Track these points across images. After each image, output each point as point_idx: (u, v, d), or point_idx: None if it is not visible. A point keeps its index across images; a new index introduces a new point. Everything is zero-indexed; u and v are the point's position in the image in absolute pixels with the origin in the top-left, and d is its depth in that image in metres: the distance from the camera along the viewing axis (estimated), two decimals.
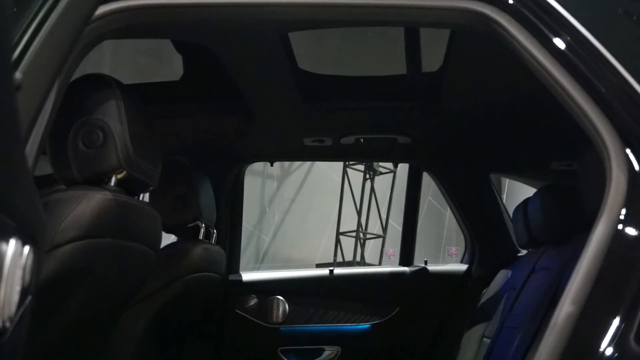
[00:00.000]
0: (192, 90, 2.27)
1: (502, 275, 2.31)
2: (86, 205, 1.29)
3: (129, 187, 1.46)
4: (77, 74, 1.34)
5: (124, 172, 1.42)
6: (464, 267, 2.82)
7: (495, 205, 2.74)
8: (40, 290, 1.08)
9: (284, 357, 2.72)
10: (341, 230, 7.16)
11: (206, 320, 2.65)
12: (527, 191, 2.33)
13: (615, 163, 1.09)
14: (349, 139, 2.42)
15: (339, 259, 7.09)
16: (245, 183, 2.89)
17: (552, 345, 0.97)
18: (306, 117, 2.33)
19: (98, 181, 1.39)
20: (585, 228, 1.11)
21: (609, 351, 0.96)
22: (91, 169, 1.38)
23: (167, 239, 2.18)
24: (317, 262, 6.74)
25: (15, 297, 0.71)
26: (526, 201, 2.11)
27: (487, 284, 2.42)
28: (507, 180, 5.49)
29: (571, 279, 1.02)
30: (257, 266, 7.29)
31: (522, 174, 2.86)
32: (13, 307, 0.71)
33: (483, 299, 2.41)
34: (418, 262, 2.89)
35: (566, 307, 0.97)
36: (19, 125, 0.78)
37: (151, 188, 1.61)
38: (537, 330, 1.61)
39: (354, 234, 7.14)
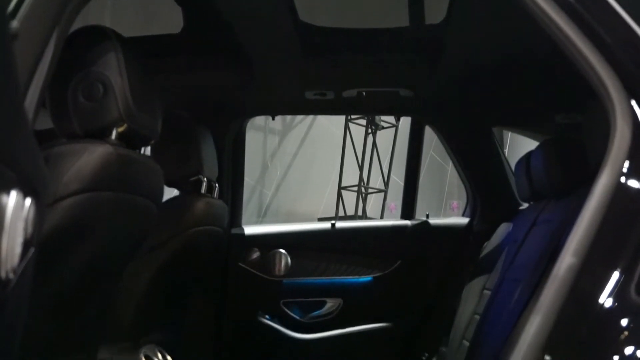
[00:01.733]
0: (192, 43, 2.25)
1: (503, 229, 2.32)
2: (88, 158, 1.29)
3: (130, 140, 1.45)
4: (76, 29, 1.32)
5: (125, 126, 1.41)
6: (465, 220, 2.83)
7: (497, 159, 2.74)
8: (43, 243, 1.09)
9: (286, 310, 2.75)
10: (343, 184, 7.17)
11: (209, 273, 2.67)
12: (529, 145, 2.32)
13: (619, 115, 1.08)
14: (351, 92, 2.41)
15: (341, 213, 7.13)
16: (247, 138, 2.88)
17: (553, 296, 0.97)
18: (307, 70, 2.31)
19: (99, 135, 1.38)
20: (588, 181, 1.11)
21: (609, 302, 0.97)
22: (92, 122, 1.37)
23: (170, 193, 2.18)
24: (319, 217, 6.77)
25: (18, 249, 0.72)
26: (529, 154, 2.10)
27: (488, 237, 2.42)
28: (510, 133, 5.47)
29: (573, 231, 1.02)
30: (260, 220, 7.32)
31: (525, 128, 2.84)
32: (16, 259, 0.71)
33: (484, 252, 2.42)
34: (420, 216, 2.90)
35: (567, 259, 0.98)
36: (15, 74, 0.77)
37: (152, 142, 1.61)
38: (537, 283, 1.61)
39: (355, 188, 7.16)
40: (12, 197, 0.69)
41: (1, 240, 0.67)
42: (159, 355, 2.02)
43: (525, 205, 2.46)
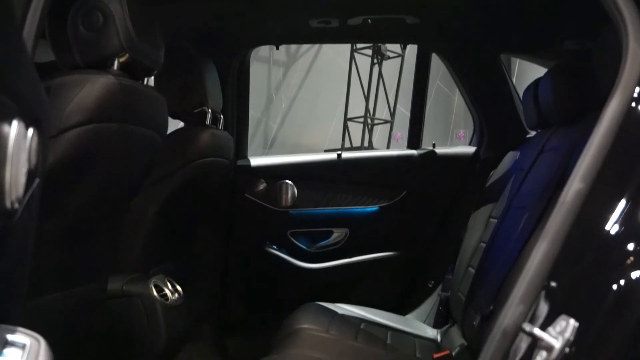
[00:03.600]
0: None
1: (510, 157, 2.31)
2: (90, 89, 1.28)
3: (132, 71, 1.44)
4: None
5: (126, 55, 1.39)
6: (472, 149, 2.82)
7: (505, 87, 2.70)
8: (49, 175, 1.09)
9: (293, 240, 2.77)
10: (349, 116, 7.13)
11: (216, 205, 2.68)
12: (537, 73, 2.28)
13: (632, 37, 1.06)
14: (356, 20, 2.35)
15: (347, 144, 7.11)
16: (251, 70, 2.84)
17: (559, 222, 0.97)
18: None
19: (101, 65, 1.37)
20: (597, 108, 1.09)
21: (615, 228, 0.97)
22: (93, 52, 1.35)
23: (175, 126, 2.17)
24: (325, 148, 6.76)
25: (22, 179, 0.71)
26: (537, 81, 2.06)
27: (495, 165, 2.41)
28: (518, 61, 5.39)
29: (581, 157, 1.01)
30: (266, 152, 7.33)
31: (533, 54, 2.79)
32: (20, 189, 0.71)
33: (490, 181, 2.41)
34: (426, 146, 2.89)
35: (575, 185, 0.97)
36: (8, 2, 0.75)
37: (155, 72, 1.59)
38: (544, 210, 1.61)
39: (361, 119, 7.12)
40: (14, 127, 0.69)
41: (4, 170, 0.67)
42: (168, 285, 2.05)
43: (532, 133, 2.45)
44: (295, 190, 2.74)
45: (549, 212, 1.06)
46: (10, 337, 0.75)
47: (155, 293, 1.94)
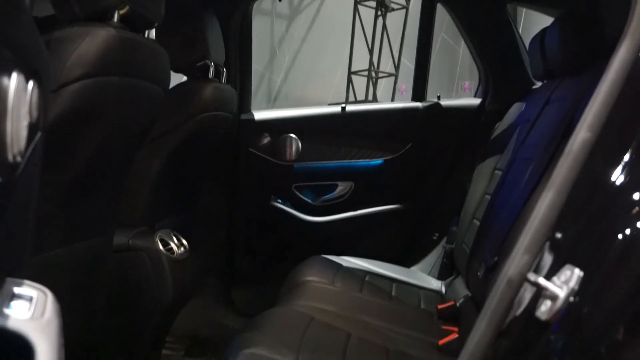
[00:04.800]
0: None
1: (515, 108, 2.29)
2: (90, 42, 1.26)
3: (132, 23, 1.42)
4: None
5: (126, 8, 1.37)
6: (477, 101, 2.79)
7: (510, 37, 2.66)
8: (51, 129, 1.08)
9: (298, 193, 2.78)
10: (353, 69, 7.07)
11: (221, 159, 2.68)
12: (544, 23, 2.24)
13: None
14: None
15: (351, 98, 7.08)
16: (253, 24, 2.80)
17: (566, 172, 0.96)
18: None
19: (101, 17, 1.35)
20: (604, 56, 1.07)
21: (621, 178, 0.96)
22: (92, 4, 1.33)
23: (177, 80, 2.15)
24: (329, 102, 6.72)
25: (23, 132, 0.71)
26: (543, 31, 2.03)
27: (501, 117, 2.40)
28: (524, 11, 5.31)
29: (588, 106, 1.00)
30: (270, 106, 7.30)
31: (539, 3, 2.74)
32: (22, 142, 0.70)
33: (496, 133, 2.40)
34: (431, 98, 2.86)
35: (582, 134, 0.96)
36: None
37: (156, 25, 1.57)
38: (549, 160, 1.60)
39: (365, 72, 7.06)
40: (14, 80, 0.68)
41: (5, 123, 0.66)
42: (174, 239, 2.06)
43: (538, 84, 2.42)
44: (300, 143, 2.73)
45: (554, 163, 1.05)
46: (17, 289, 0.76)
47: (161, 247, 1.96)
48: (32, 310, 0.73)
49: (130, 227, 1.95)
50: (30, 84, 0.73)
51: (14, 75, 0.68)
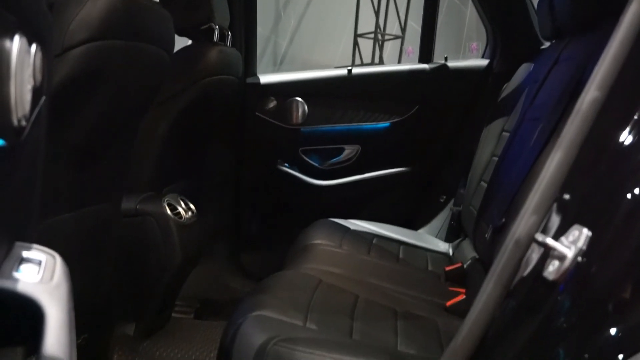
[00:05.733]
0: None
1: (524, 69, 2.26)
2: (93, 5, 1.25)
3: None
4: None
5: None
6: (484, 62, 2.77)
7: None
8: (55, 94, 1.07)
9: (304, 157, 2.77)
10: (359, 32, 7.00)
11: (227, 124, 2.67)
12: None
13: None
14: None
15: (357, 61, 7.02)
16: None
17: (575, 132, 0.95)
18: None
19: None
20: (614, 14, 1.05)
21: (630, 138, 0.95)
22: None
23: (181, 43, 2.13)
24: (335, 65, 6.67)
25: (27, 96, 0.70)
26: None
27: (508, 78, 2.37)
28: None
29: (598, 64, 0.98)
30: (275, 70, 7.25)
31: None
32: (26, 106, 0.70)
33: (504, 94, 2.38)
34: (438, 59, 2.84)
35: (591, 93, 0.94)
36: None
37: None
38: (558, 121, 1.59)
39: (372, 35, 6.99)
40: (16, 42, 0.67)
41: (9, 86, 0.66)
42: (182, 204, 2.07)
43: (547, 45, 2.39)
44: (306, 107, 2.71)
45: (563, 123, 1.04)
46: (25, 253, 0.76)
47: (168, 211, 1.96)
48: (41, 274, 0.74)
49: (137, 192, 1.96)
50: (34, 47, 0.73)
51: (17, 38, 0.67)
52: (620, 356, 0.75)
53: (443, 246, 2.45)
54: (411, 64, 2.84)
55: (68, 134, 1.31)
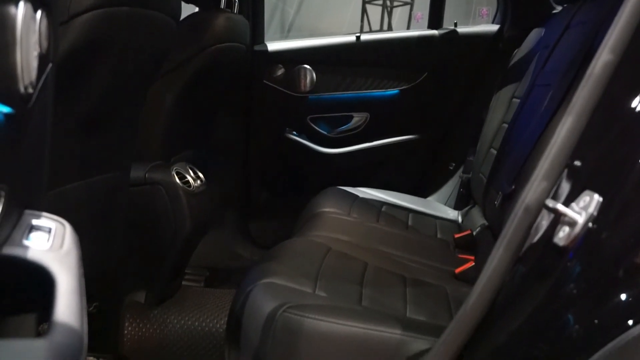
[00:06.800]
0: None
1: (534, 34, 2.23)
2: None
3: None
4: None
5: None
6: (495, 27, 2.73)
7: None
8: (62, 62, 1.07)
9: (313, 125, 2.76)
10: None
11: (234, 92, 2.66)
12: None
13: None
14: None
15: (366, 28, 6.97)
16: None
17: (586, 96, 0.94)
18: None
19: None
20: None
21: None
22: None
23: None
24: (344, 32, 6.62)
25: (34, 63, 0.70)
26: None
27: (519, 44, 2.34)
28: None
29: (611, 27, 0.96)
30: (283, 37, 7.21)
31: None
32: (33, 73, 0.70)
33: (514, 60, 2.35)
34: (447, 25, 2.80)
35: (604, 56, 0.93)
36: None
37: None
38: (569, 86, 1.57)
39: (380, 1, 6.93)
40: (21, 8, 0.66)
41: (15, 53, 0.65)
42: (190, 172, 2.07)
43: (558, 9, 2.36)
44: (314, 74, 2.69)
45: (574, 89, 1.03)
46: (35, 221, 0.76)
47: (177, 180, 1.97)
48: (51, 242, 0.74)
49: (146, 161, 1.96)
50: (39, 13, 0.72)
51: (22, 4, 0.66)
52: (630, 321, 0.75)
53: (452, 214, 2.45)
54: (420, 30, 2.81)
55: (75, 102, 1.31)
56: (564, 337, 0.83)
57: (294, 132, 2.77)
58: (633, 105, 0.94)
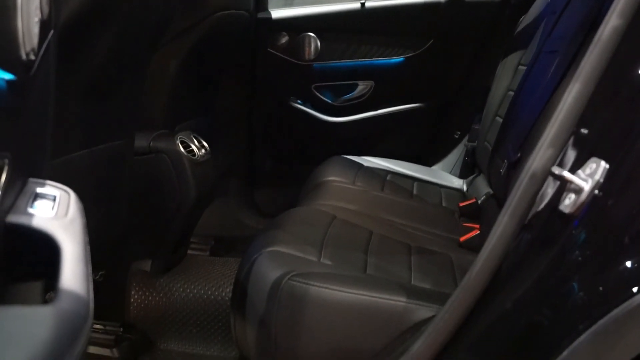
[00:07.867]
0: None
1: (541, 0, 2.20)
2: None
3: None
4: None
5: None
6: None
7: None
8: (63, 29, 1.06)
9: (317, 94, 2.75)
10: None
11: (238, 60, 2.64)
12: None
13: None
14: None
15: None
16: None
17: (594, 62, 0.93)
18: None
19: None
20: None
21: None
22: None
23: None
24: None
25: (35, 29, 0.69)
26: None
27: (526, 10, 2.31)
28: None
29: None
30: (287, 4, 7.14)
31: None
32: (34, 39, 0.69)
33: (520, 26, 2.32)
34: None
35: (612, 21, 0.91)
36: None
37: None
38: (576, 53, 1.55)
39: None
40: None
41: (16, 19, 0.65)
42: (195, 141, 2.07)
43: None
44: (319, 42, 2.67)
45: (581, 55, 1.01)
46: (39, 189, 0.76)
47: (182, 149, 1.96)
48: (55, 209, 0.74)
49: (150, 129, 1.95)
50: None
51: None
52: (635, 289, 0.75)
53: (457, 182, 2.45)
54: None
55: (78, 69, 1.30)
56: (569, 304, 0.83)
57: (299, 101, 2.76)
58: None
